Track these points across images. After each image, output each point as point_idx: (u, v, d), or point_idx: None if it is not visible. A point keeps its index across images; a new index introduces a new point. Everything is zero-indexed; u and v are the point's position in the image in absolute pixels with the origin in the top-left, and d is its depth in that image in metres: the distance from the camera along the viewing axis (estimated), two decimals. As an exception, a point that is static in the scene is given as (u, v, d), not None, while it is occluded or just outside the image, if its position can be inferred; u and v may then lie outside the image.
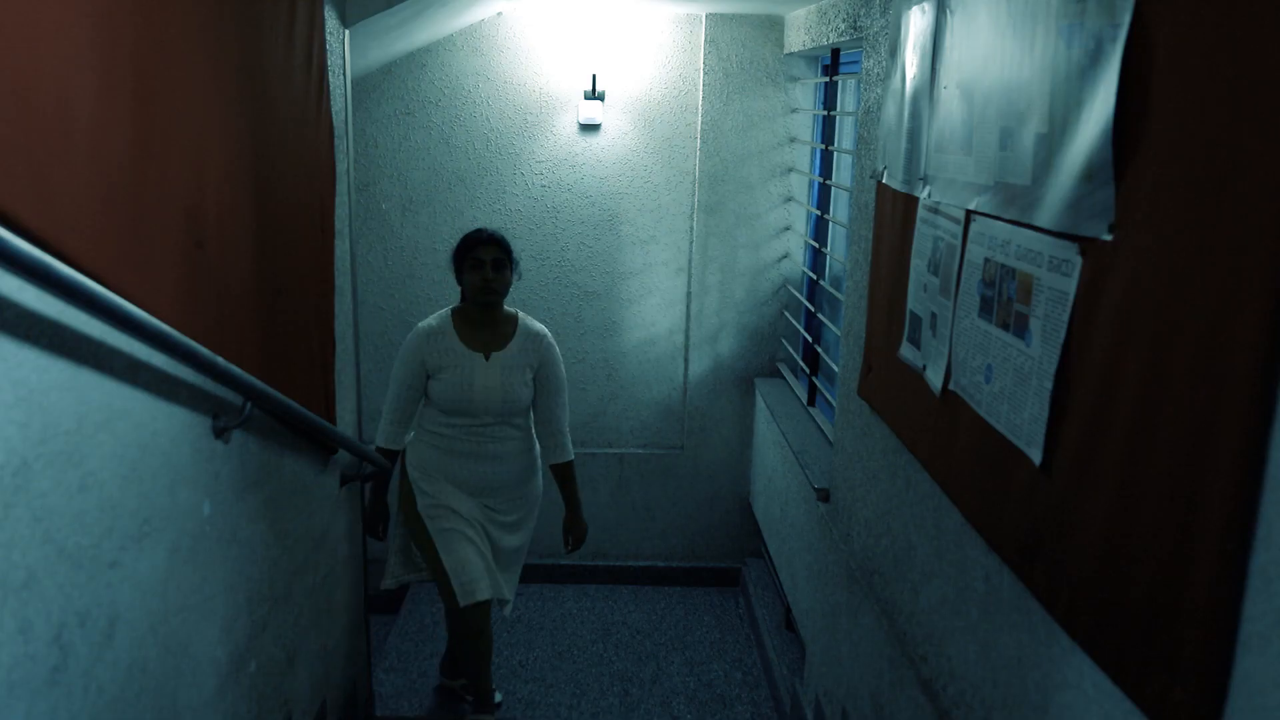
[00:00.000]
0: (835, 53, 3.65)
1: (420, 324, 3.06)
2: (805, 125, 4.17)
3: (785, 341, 4.30)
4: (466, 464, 3.04)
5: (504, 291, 3.01)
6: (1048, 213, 1.34)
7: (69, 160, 1.27)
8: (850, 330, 2.63)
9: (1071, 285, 1.28)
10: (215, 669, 1.85)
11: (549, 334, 3.10)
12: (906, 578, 2.07)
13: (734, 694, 3.64)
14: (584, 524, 3.25)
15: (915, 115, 1.99)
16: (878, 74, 2.41)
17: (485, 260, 2.95)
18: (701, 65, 4.12)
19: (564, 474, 3.18)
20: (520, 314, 3.10)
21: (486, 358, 2.98)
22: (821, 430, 3.56)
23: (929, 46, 1.91)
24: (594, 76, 4.10)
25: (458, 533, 3.01)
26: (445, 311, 3.06)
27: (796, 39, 3.86)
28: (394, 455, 3.11)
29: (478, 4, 3.62)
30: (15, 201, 1.14)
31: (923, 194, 1.92)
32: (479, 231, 3.02)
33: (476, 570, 3.00)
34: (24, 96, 1.16)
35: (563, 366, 3.12)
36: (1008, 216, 1.49)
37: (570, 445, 3.17)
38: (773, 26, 4.08)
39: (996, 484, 1.53)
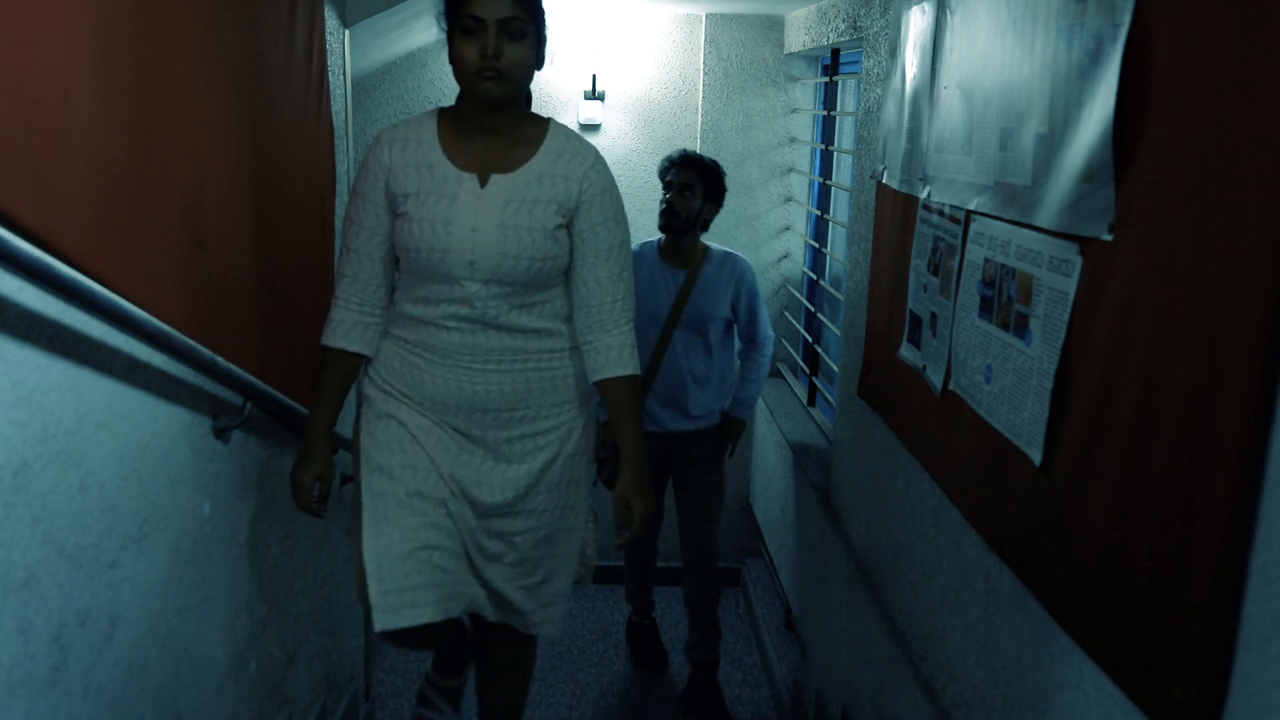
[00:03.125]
0: (835, 53, 3.65)
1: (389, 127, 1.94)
2: (805, 125, 4.17)
3: (785, 341, 4.30)
4: (448, 373, 1.89)
5: (520, 78, 1.82)
6: (1048, 213, 1.34)
7: (69, 160, 1.27)
8: (850, 330, 2.63)
9: (1071, 285, 1.28)
10: (215, 669, 1.85)
11: (597, 154, 1.94)
12: (906, 578, 2.07)
13: (734, 694, 3.64)
14: (648, 490, 1.98)
15: (915, 115, 1.99)
16: (878, 74, 2.41)
17: (486, 21, 1.75)
18: (701, 65, 4.12)
19: (617, 398, 1.96)
20: (555, 122, 1.95)
21: (482, 182, 1.84)
22: (821, 430, 3.56)
23: (929, 46, 1.91)
24: (594, 76, 4.10)
25: (401, 498, 1.89)
26: (433, 109, 1.95)
27: (796, 39, 3.86)
28: (348, 364, 1.96)
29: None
30: (15, 201, 1.14)
31: (923, 194, 1.92)
32: None
33: (415, 570, 1.86)
34: (24, 96, 1.16)
35: (623, 214, 1.97)
36: (1008, 217, 1.49)
37: (631, 351, 1.96)
38: (773, 26, 4.08)
39: (996, 484, 1.53)
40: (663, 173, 3.12)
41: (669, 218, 3.10)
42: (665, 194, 3.10)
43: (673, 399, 3.20)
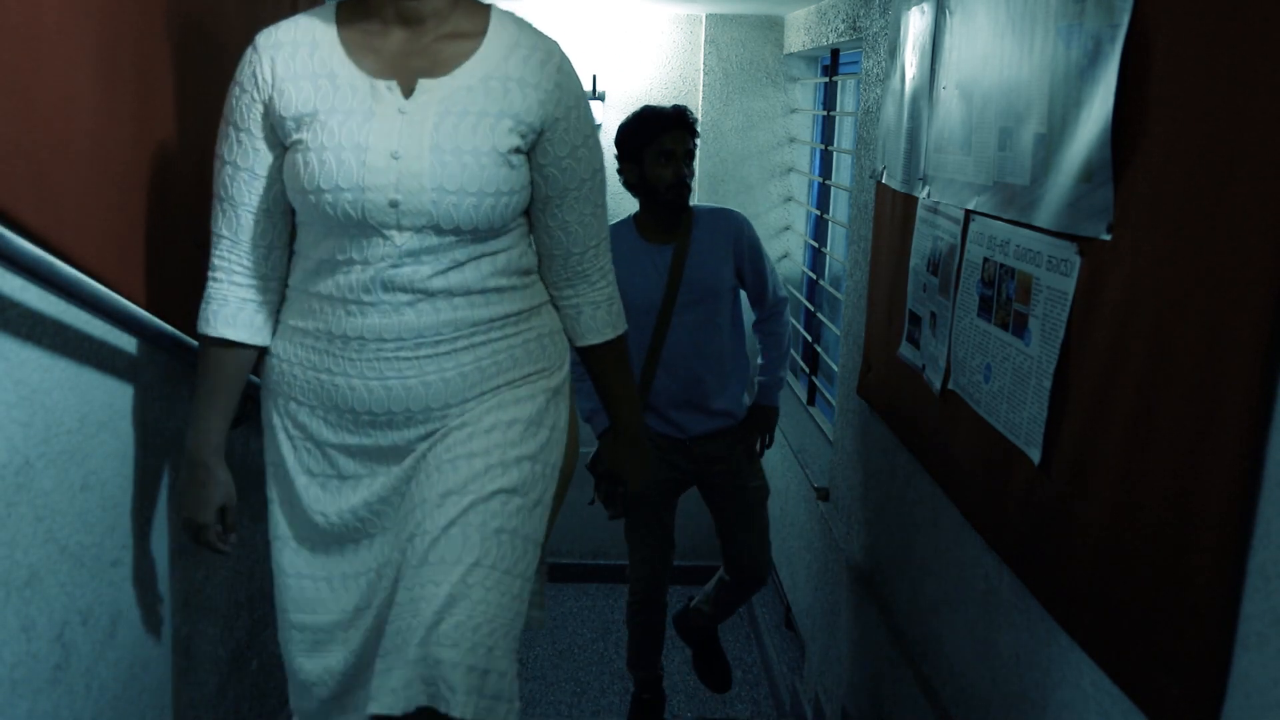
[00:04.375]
0: (835, 53, 3.65)
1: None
2: (805, 125, 4.17)
3: (785, 341, 4.30)
4: (367, 371, 1.41)
5: None
6: (1047, 213, 1.35)
7: (69, 160, 1.28)
8: (850, 330, 2.63)
9: (1070, 285, 1.29)
10: (216, 667, 1.86)
11: (560, 51, 1.49)
12: (906, 576, 2.07)
13: (734, 692, 3.64)
14: (645, 454, 1.78)
15: (914, 115, 1.99)
16: (877, 74, 2.42)
17: None
18: (701, 65, 4.12)
19: (609, 364, 1.66)
20: (498, 9, 1.48)
21: (405, 92, 1.39)
22: (821, 430, 3.56)
23: (928, 47, 1.91)
24: (594, 77, 4.10)
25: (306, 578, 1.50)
26: (329, 5, 1.47)
27: (796, 39, 3.86)
28: (239, 358, 1.48)
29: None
30: (16, 201, 1.14)
31: (922, 194, 1.92)
32: None
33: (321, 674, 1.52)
34: (24, 96, 1.16)
35: (596, 138, 1.53)
36: (1007, 216, 1.49)
37: (618, 306, 1.64)
38: (773, 27, 4.09)
39: (995, 483, 1.53)
40: (650, 136, 2.46)
41: (683, 194, 2.50)
42: (659, 163, 2.46)
43: (689, 398, 2.61)
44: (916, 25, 2.00)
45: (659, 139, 2.45)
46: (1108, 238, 1.20)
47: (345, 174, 1.34)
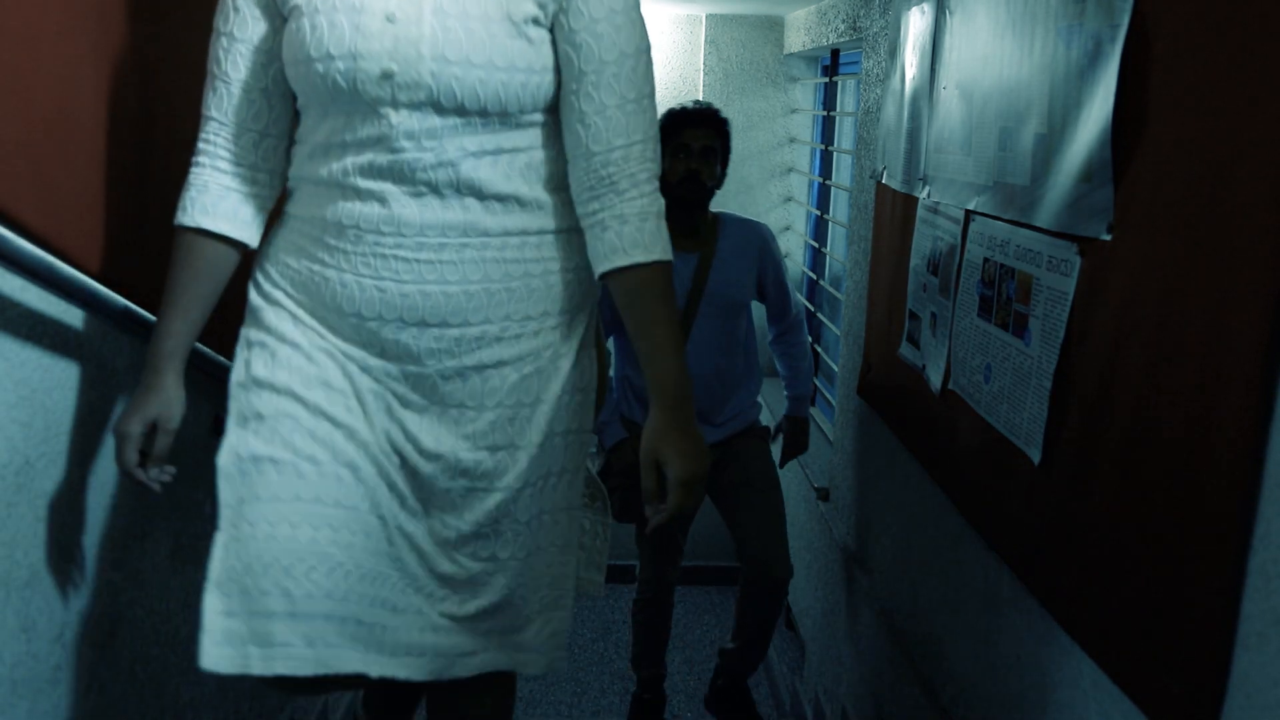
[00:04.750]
0: (835, 53, 3.65)
1: None
2: (805, 125, 4.17)
3: (785, 341, 4.31)
4: (361, 268, 1.27)
5: None
6: (1047, 213, 1.35)
7: (70, 160, 1.28)
8: (850, 330, 2.63)
9: (1070, 285, 1.29)
10: (216, 668, 1.86)
11: None
12: (906, 576, 2.07)
13: (734, 693, 3.64)
14: (694, 445, 1.28)
15: (914, 115, 1.99)
16: (877, 74, 2.42)
17: None
18: (701, 65, 4.12)
19: (645, 300, 1.30)
20: None
21: None
22: (821, 430, 3.56)
23: (928, 47, 1.91)
24: (594, 76, 4.11)
25: (282, 462, 1.26)
26: None
27: (796, 39, 3.86)
28: (217, 255, 1.33)
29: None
30: (16, 201, 1.14)
31: (922, 194, 1.92)
32: None
33: (312, 579, 1.23)
34: (24, 96, 1.16)
35: (630, 16, 1.29)
36: (1007, 216, 1.49)
37: (659, 225, 1.31)
38: (773, 27, 4.09)
39: (996, 483, 1.53)
40: (668, 133, 2.36)
41: (692, 189, 2.40)
42: (677, 157, 2.39)
43: (698, 410, 2.29)
44: (916, 25, 2.00)
45: (679, 133, 2.41)
46: (1108, 238, 1.20)
47: (336, 39, 1.20)
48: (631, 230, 1.27)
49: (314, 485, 1.25)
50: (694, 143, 2.40)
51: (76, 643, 1.34)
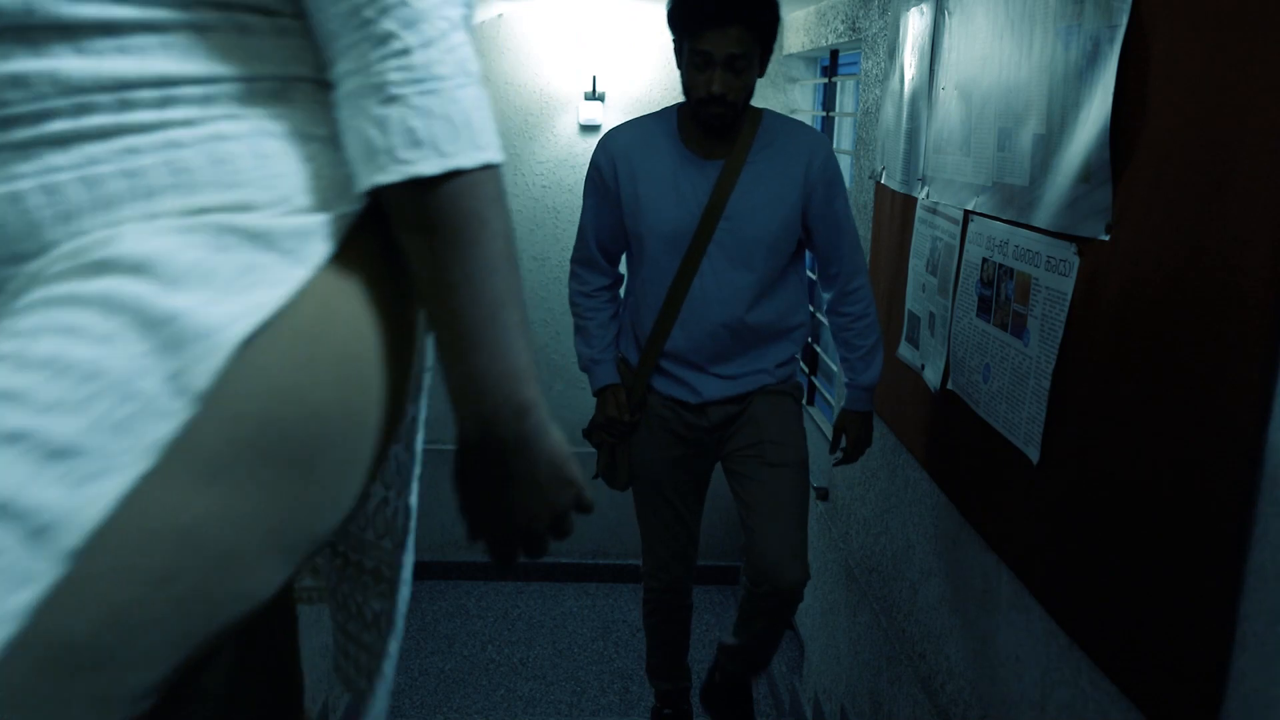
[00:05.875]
0: (834, 54, 3.65)
1: None
2: (804, 125, 4.17)
3: (785, 341, 4.30)
4: None
5: None
6: (1045, 213, 1.35)
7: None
8: (849, 330, 2.63)
9: (1069, 285, 1.29)
10: (217, 668, 1.86)
11: None
12: (905, 576, 2.07)
13: (734, 693, 3.64)
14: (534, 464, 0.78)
15: (913, 116, 1.99)
16: (876, 75, 2.42)
17: None
18: (701, 65, 4.12)
19: (403, 235, 0.68)
20: None
21: None
22: (821, 430, 3.56)
23: (927, 48, 1.91)
24: (594, 78, 4.10)
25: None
26: None
27: (795, 40, 3.86)
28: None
29: (478, 5, 3.63)
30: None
31: (921, 194, 1.92)
32: None
33: None
34: None
35: None
36: (1006, 217, 1.50)
37: (447, 114, 0.65)
38: (772, 27, 4.09)
39: (994, 483, 1.54)
40: (684, 30, 1.82)
41: (717, 112, 1.82)
42: (693, 67, 1.81)
43: (703, 363, 2.00)
44: (915, 26, 2.01)
45: (698, 35, 1.77)
46: (1106, 238, 1.20)
47: None
48: (397, 116, 0.66)
49: None
50: (718, 50, 1.75)
51: (77, 643, 1.33)
